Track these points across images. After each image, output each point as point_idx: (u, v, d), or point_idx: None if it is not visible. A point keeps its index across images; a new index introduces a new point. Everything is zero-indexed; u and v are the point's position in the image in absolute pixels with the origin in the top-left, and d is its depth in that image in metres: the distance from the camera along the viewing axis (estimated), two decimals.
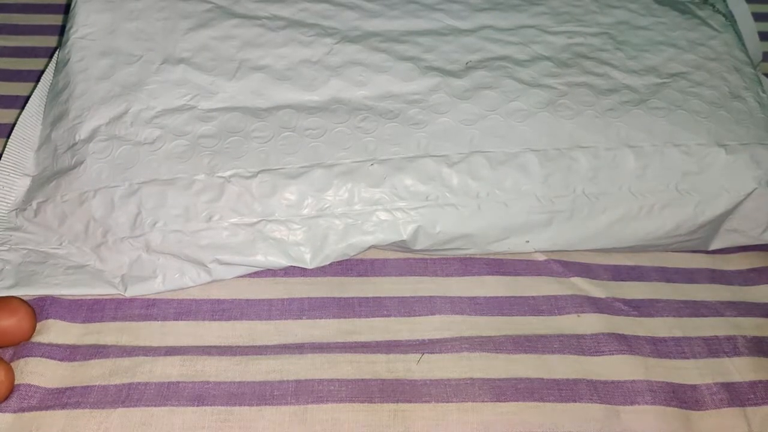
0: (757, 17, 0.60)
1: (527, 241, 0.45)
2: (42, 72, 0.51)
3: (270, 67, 0.47)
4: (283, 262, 0.42)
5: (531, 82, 0.47)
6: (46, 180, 0.44)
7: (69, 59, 0.47)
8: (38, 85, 0.50)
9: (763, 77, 0.52)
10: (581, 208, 0.44)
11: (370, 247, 0.43)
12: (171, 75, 0.46)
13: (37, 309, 0.41)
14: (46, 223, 0.43)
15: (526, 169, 0.44)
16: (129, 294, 0.42)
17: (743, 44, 0.53)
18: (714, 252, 0.48)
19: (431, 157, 0.43)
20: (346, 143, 0.44)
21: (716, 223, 0.46)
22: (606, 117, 0.45)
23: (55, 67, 0.50)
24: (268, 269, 0.43)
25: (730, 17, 0.55)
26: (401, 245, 0.44)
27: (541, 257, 0.46)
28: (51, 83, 0.49)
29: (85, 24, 0.48)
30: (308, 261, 0.43)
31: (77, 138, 0.44)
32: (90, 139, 0.44)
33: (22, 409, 0.36)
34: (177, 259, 0.42)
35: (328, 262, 0.43)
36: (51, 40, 0.60)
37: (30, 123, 0.48)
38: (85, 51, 0.47)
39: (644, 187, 0.44)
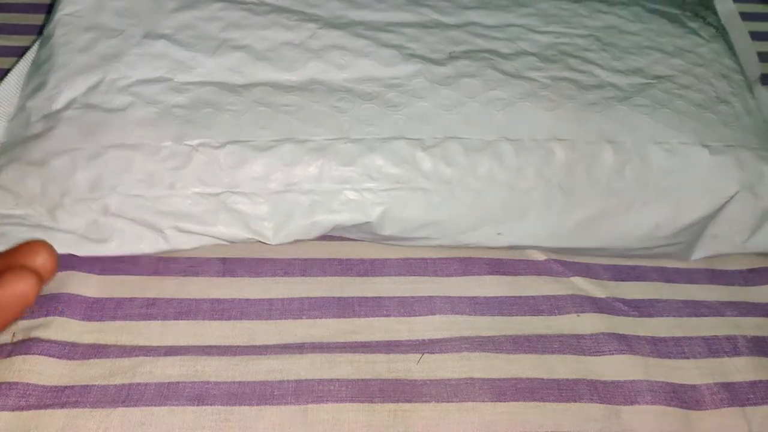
0: (757, 17, 0.60)
1: (499, 234, 0.44)
2: (27, 48, 0.51)
3: (251, 46, 0.47)
4: (243, 235, 0.42)
5: (514, 73, 0.46)
6: (12, 146, 0.43)
7: (53, 34, 0.47)
8: (20, 61, 0.49)
9: (760, 87, 0.52)
10: (556, 201, 0.43)
11: (335, 227, 0.43)
12: (151, 48, 0.46)
13: (36, 305, 0.40)
14: (5, 184, 0.42)
15: (501, 157, 0.43)
16: (81, 253, 0.41)
17: (735, 54, 0.52)
18: None
19: (405, 140, 0.43)
20: (322, 121, 0.43)
21: (698, 228, 0.45)
22: (588, 110, 0.45)
23: (40, 43, 0.49)
24: (230, 241, 0.42)
25: (721, 30, 0.54)
26: (368, 230, 0.43)
27: (541, 257, 0.46)
28: (34, 58, 0.48)
29: (73, 2, 0.48)
30: (270, 236, 0.42)
31: (53, 107, 0.43)
32: (65, 108, 0.43)
33: (21, 408, 0.36)
34: (134, 224, 0.41)
35: (291, 240, 0.42)
36: None
37: (7, 95, 0.47)
38: (70, 26, 0.47)
39: (623, 183, 0.43)
